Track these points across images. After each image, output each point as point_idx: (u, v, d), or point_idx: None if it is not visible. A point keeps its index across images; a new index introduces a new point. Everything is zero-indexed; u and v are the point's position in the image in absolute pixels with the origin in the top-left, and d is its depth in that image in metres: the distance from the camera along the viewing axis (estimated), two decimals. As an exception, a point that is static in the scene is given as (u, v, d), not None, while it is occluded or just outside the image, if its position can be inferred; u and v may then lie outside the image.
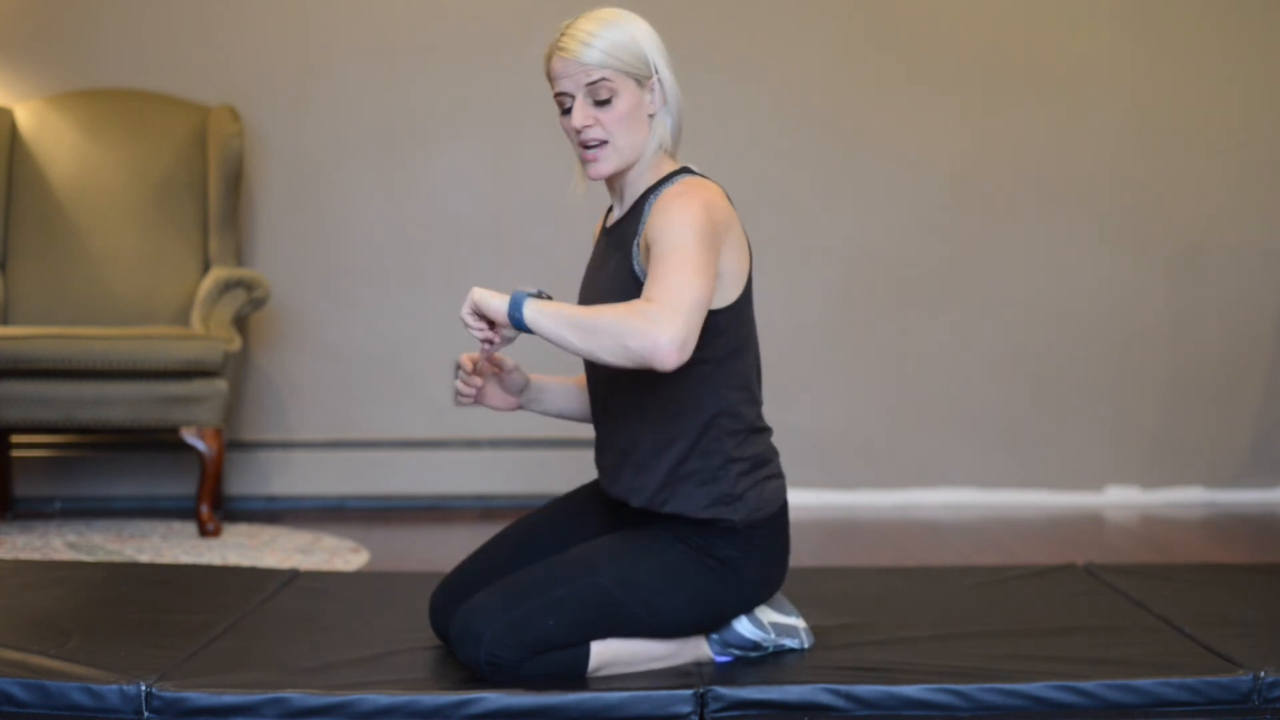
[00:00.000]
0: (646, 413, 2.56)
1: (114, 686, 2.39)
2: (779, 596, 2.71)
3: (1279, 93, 5.25)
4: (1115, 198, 5.22)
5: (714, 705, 2.43)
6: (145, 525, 4.65)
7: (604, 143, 2.53)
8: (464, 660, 2.48)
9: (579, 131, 2.53)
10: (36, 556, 4.12)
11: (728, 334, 2.55)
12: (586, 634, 2.50)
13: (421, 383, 5.11)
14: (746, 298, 2.59)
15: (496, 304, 2.43)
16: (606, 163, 2.55)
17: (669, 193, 2.49)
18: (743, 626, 2.64)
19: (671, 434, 2.54)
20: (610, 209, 2.71)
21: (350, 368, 5.11)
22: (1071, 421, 5.22)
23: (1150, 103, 5.21)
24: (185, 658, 2.55)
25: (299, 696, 2.40)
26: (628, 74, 2.51)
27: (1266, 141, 5.24)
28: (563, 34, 2.53)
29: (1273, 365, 5.25)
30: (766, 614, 2.66)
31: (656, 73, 2.53)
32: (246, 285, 4.63)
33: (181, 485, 5.02)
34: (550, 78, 2.55)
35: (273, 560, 4.13)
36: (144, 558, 4.13)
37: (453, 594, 2.66)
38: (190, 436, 4.46)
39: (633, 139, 2.53)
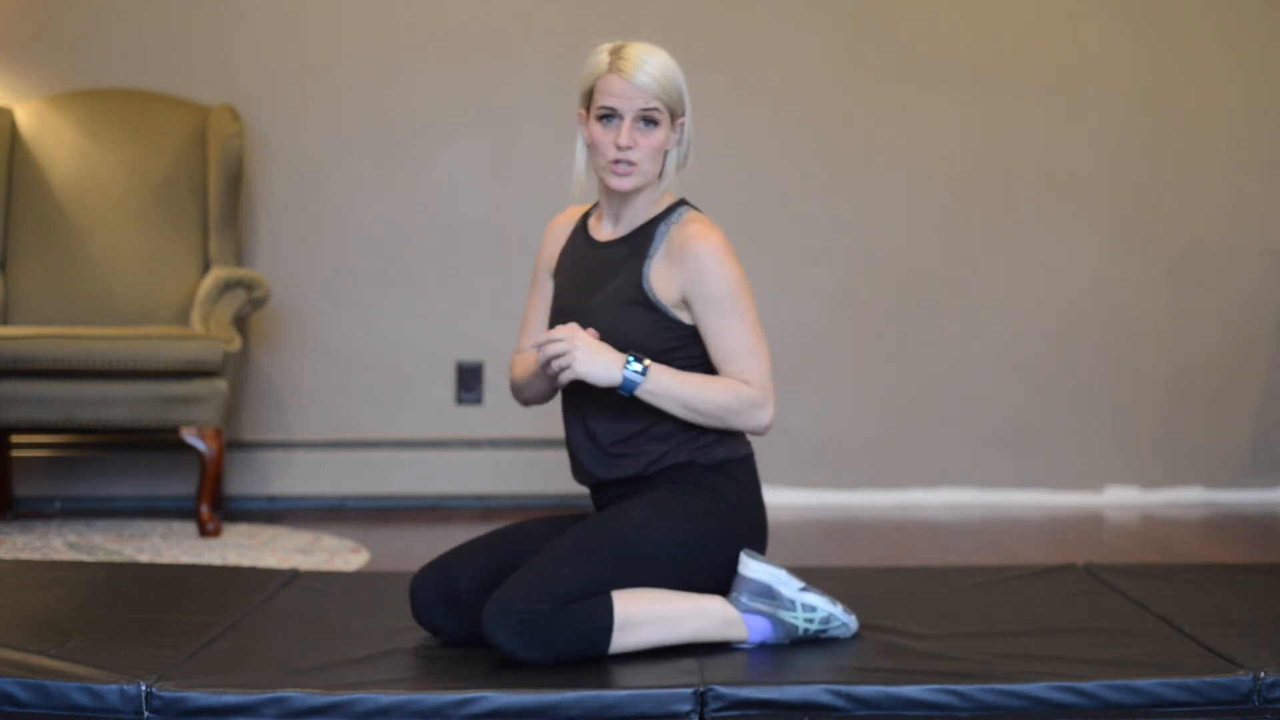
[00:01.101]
0: (637, 407, 2.71)
1: (114, 686, 2.39)
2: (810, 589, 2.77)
3: (1278, 93, 5.25)
4: (1115, 198, 5.22)
5: (714, 705, 2.43)
6: (145, 525, 4.65)
7: (635, 165, 2.74)
8: (499, 641, 2.53)
9: (620, 149, 2.73)
10: (36, 556, 4.12)
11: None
12: (602, 578, 2.61)
13: (421, 383, 5.11)
14: None
15: (603, 375, 2.63)
16: (630, 180, 2.75)
17: (692, 231, 2.75)
18: (748, 569, 2.71)
19: (665, 425, 2.72)
20: (586, 218, 2.89)
21: (350, 368, 5.11)
22: (1071, 421, 5.22)
23: (1150, 103, 5.21)
24: (185, 658, 2.55)
25: (299, 696, 2.40)
26: (670, 109, 2.77)
27: (1266, 141, 5.24)
28: (621, 55, 2.75)
29: (1273, 365, 5.25)
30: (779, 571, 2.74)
31: (686, 114, 2.80)
32: (246, 285, 4.63)
33: (181, 485, 5.02)
34: (598, 90, 2.77)
35: (273, 560, 4.13)
36: (144, 558, 4.13)
37: (440, 585, 2.71)
38: (190, 436, 4.46)
39: (654, 167, 2.77)
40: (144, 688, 2.39)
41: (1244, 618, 2.90)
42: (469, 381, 5.09)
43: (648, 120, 2.73)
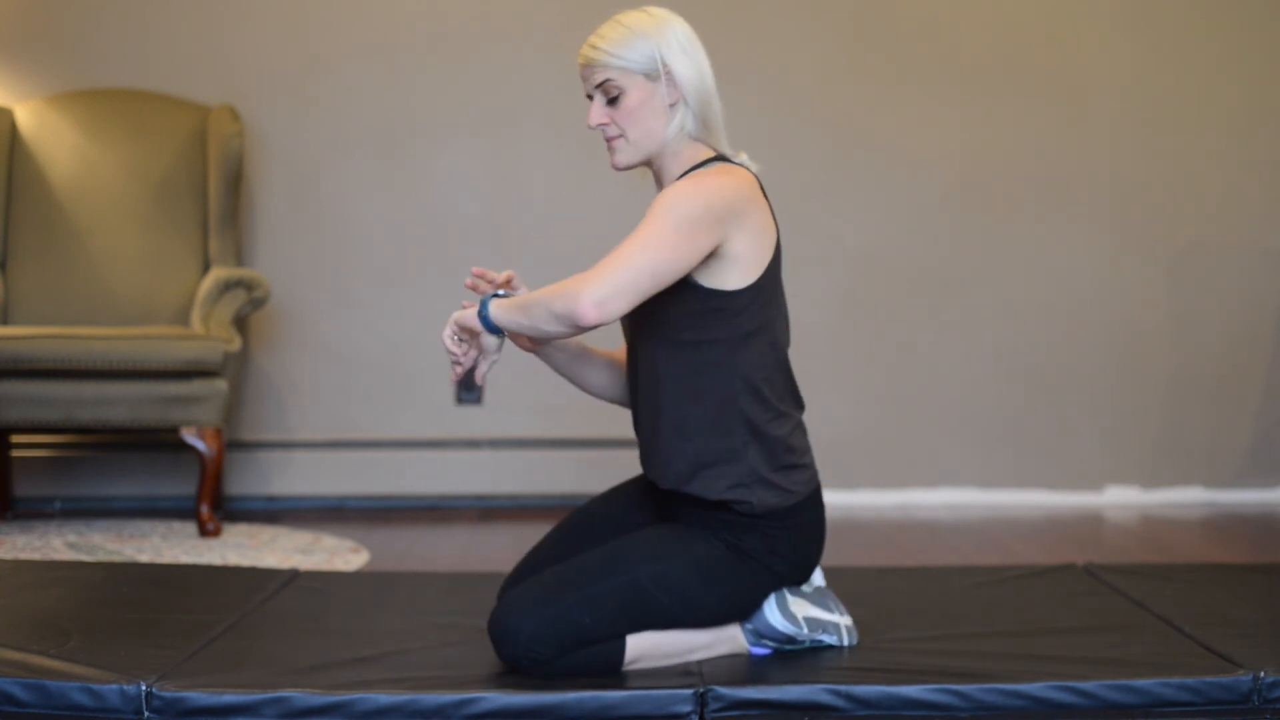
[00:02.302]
0: (664, 393, 2.59)
1: (114, 686, 2.39)
2: (825, 591, 2.73)
3: (1278, 93, 5.25)
4: (1115, 198, 5.22)
5: (714, 705, 2.43)
6: (145, 525, 4.65)
7: (619, 136, 2.64)
8: (503, 656, 2.51)
9: (594, 128, 2.66)
10: (36, 556, 4.12)
11: (746, 315, 2.57)
12: (621, 629, 2.54)
13: (421, 383, 5.11)
14: (769, 282, 2.60)
15: (469, 313, 2.57)
16: (622, 154, 2.66)
17: (682, 179, 2.57)
18: (774, 618, 2.66)
19: (690, 414, 2.58)
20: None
21: (350, 368, 5.11)
22: (1071, 421, 5.22)
23: (1150, 103, 5.22)
24: (185, 658, 2.55)
25: (299, 696, 2.40)
26: (633, 71, 2.61)
27: (1266, 141, 5.24)
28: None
29: (1273, 365, 5.25)
30: (803, 608, 2.69)
31: (665, 66, 2.61)
32: (246, 285, 4.63)
33: (181, 485, 5.02)
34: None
35: (273, 560, 4.13)
36: (144, 558, 4.13)
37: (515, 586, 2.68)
38: (190, 436, 4.46)
39: (646, 131, 2.62)
40: (144, 688, 2.39)
41: (1244, 618, 2.90)
42: (469, 381, 5.09)
43: (611, 92, 2.62)
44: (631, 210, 5.44)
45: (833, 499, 5.19)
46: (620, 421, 2.91)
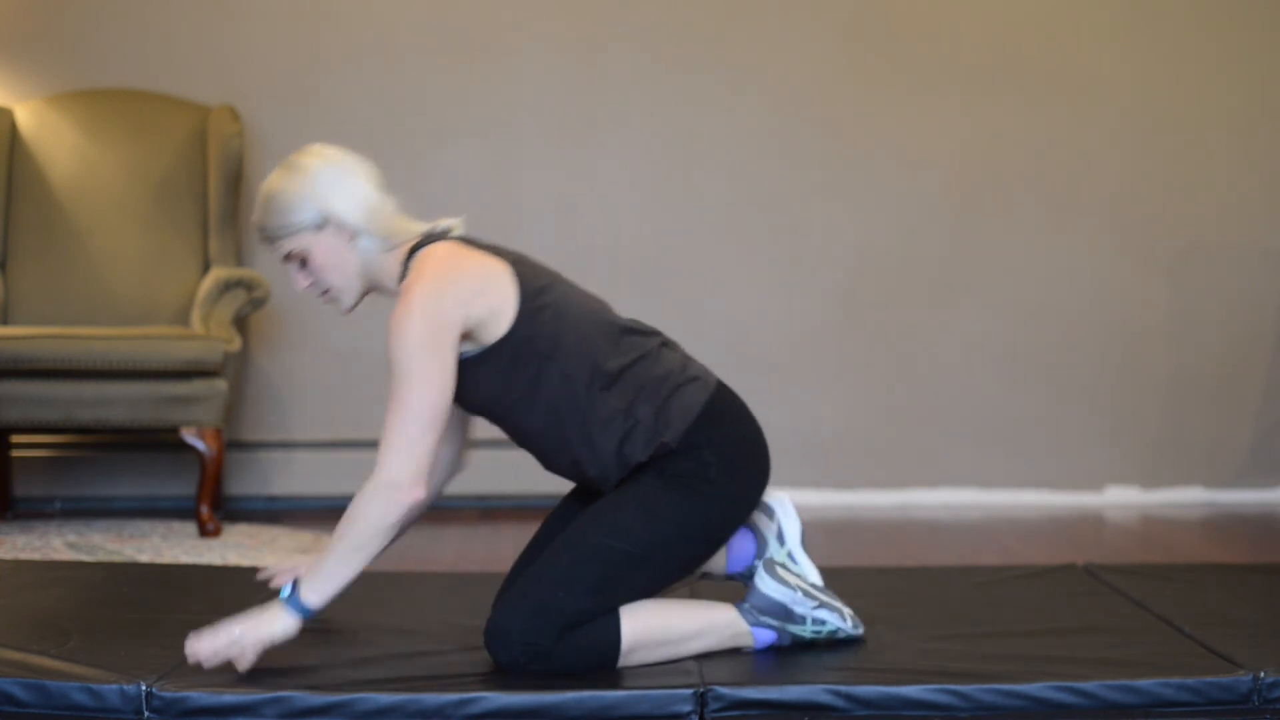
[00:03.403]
0: (549, 441, 2.67)
1: (114, 686, 2.39)
2: (823, 589, 2.74)
3: (1278, 93, 5.25)
4: (1115, 198, 5.22)
5: (714, 705, 2.43)
6: (145, 525, 4.65)
7: (327, 290, 2.65)
8: (503, 663, 2.53)
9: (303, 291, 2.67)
10: (36, 556, 4.12)
11: (539, 336, 2.61)
12: (604, 598, 2.56)
13: (421, 383, 5.11)
14: (530, 294, 2.62)
15: (271, 628, 2.48)
16: (343, 301, 2.67)
17: (397, 306, 2.55)
18: (766, 585, 2.68)
19: (572, 438, 2.63)
20: None
21: (350, 368, 5.10)
22: (1071, 421, 5.22)
23: (1150, 103, 5.21)
24: (185, 658, 2.55)
25: (299, 696, 2.40)
26: (304, 232, 2.60)
27: (1266, 141, 5.24)
28: None
29: (1273, 365, 5.25)
30: (795, 579, 2.71)
31: (326, 216, 2.60)
32: (246, 285, 4.63)
33: (181, 485, 5.02)
34: None
35: (273, 560, 4.12)
36: (144, 558, 4.13)
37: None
38: (190, 436, 4.46)
39: (344, 274, 2.63)
40: (144, 688, 2.39)
41: (1244, 618, 2.90)
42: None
43: (296, 259, 2.62)
44: (632, 210, 5.46)
45: (833, 499, 5.19)
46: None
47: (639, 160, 5.15)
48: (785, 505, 2.82)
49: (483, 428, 2.98)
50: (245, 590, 3.09)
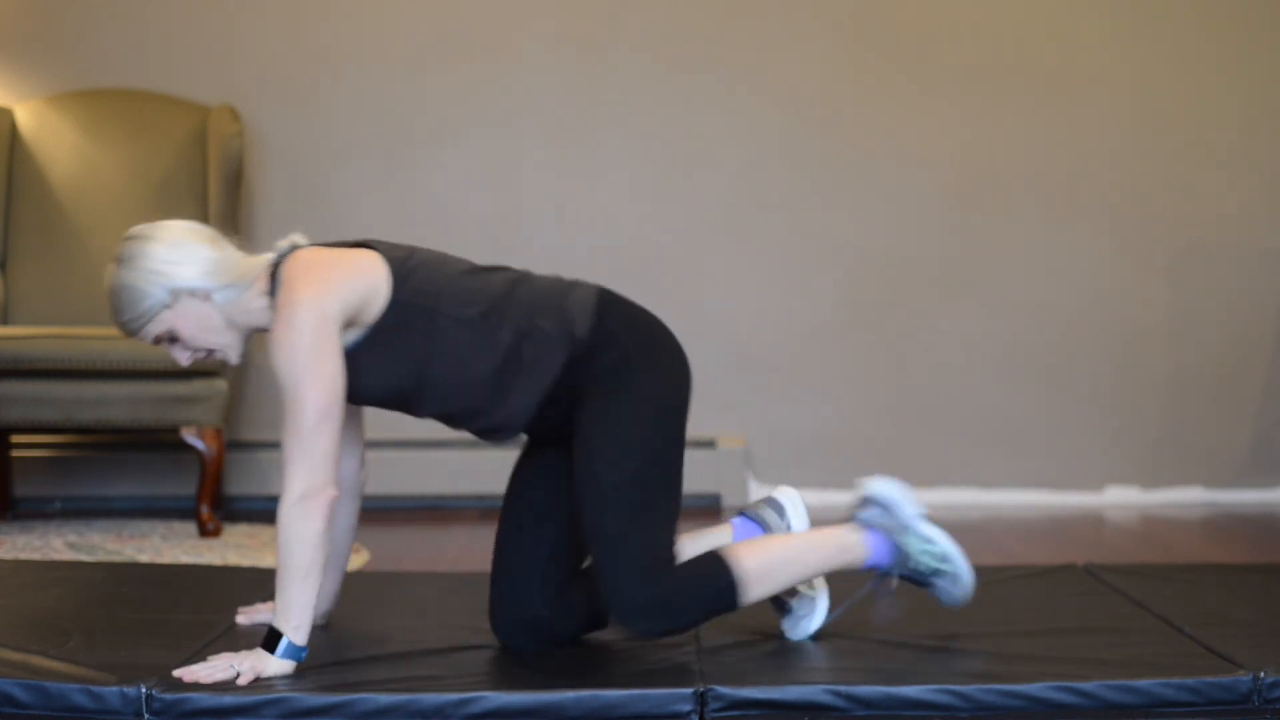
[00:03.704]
0: (462, 399, 2.66)
1: (114, 689, 2.39)
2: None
3: (1278, 93, 5.25)
4: (1115, 198, 5.22)
5: (714, 705, 2.43)
6: (145, 525, 4.65)
7: (207, 354, 2.65)
8: (641, 632, 2.61)
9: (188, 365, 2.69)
10: (36, 556, 4.12)
11: (415, 305, 2.60)
12: (659, 515, 2.60)
13: (421, 383, 5.11)
14: (403, 271, 2.62)
15: (267, 668, 2.48)
16: (229, 357, 2.66)
17: (276, 321, 2.55)
18: (874, 485, 2.80)
19: (486, 378, 2.63)
20: None
21: (350, 368, 5.10)
22: (1071, 421, 5.22)
23: (1150, 103, 5.21)
24: (185, 658, 2.55)
25: (299, 696, 2.40)
26: (160, 315, 2.58)
27: (1266, 142, 5.24)
28: None
29: (1273, 365, 5.25)
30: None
31: (174, 292, 2.58)
32: (246, 285, 4.62)
33: (181, 485, 5.01)
34: None
35: (273, 560, 4.12)
36: (144, 558, 4.13)
37: (522, 621, 2.72)
38: (190, 436, 4.46)
39: (215, 333, 2.63)
40: (144, 690, 2.39)
41: (1244, 618, 2.90)
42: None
43: (166, 340, 2.62)
44: (632, 210, 5.46)
45: (833, 499, 5.18)
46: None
47: (639, 160, 5.15)
48: (795, 502, 2.84)
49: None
50: (245, 590, 3.09)
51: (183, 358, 2.64)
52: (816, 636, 2.77)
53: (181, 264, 2.58)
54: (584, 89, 5.12)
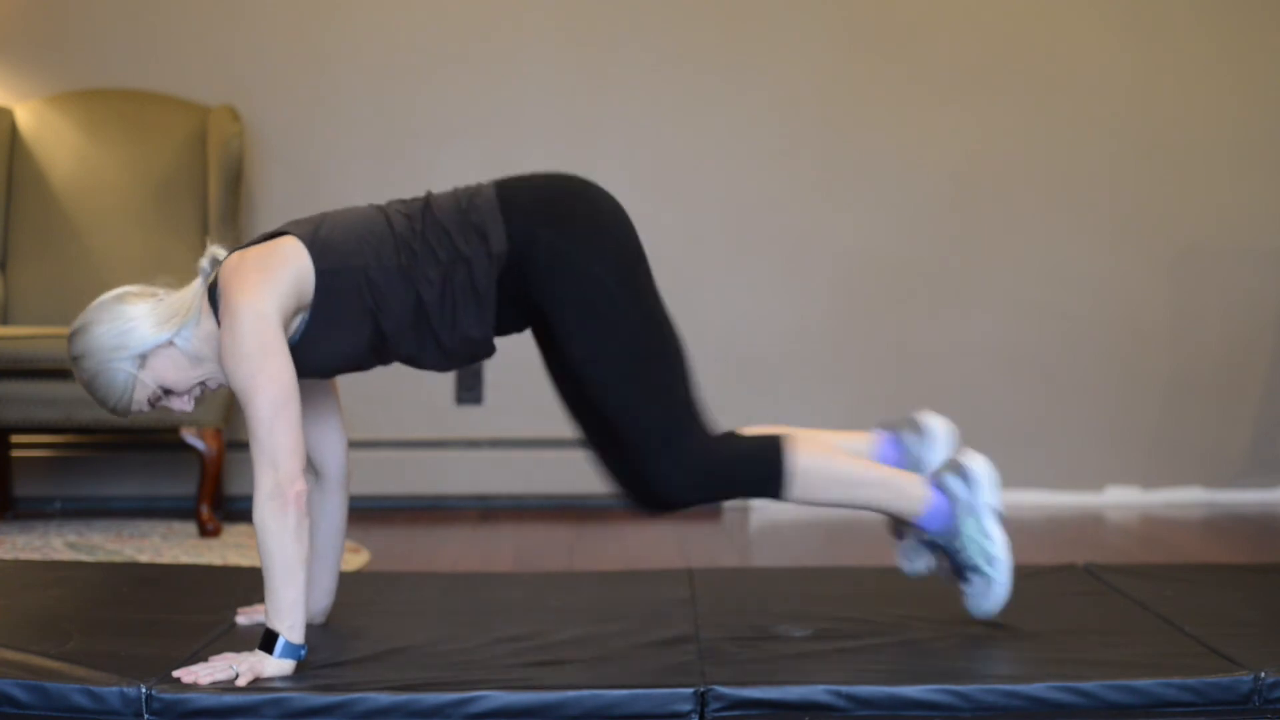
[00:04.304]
0: (422, 334, 2.64)
1: (114, 689, 2.39)
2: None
3: (1278, 93, 5.25)
4: (1115, 198, 5.22)
5: (714, 704, 2.43)
6: (145, 525, 4.65)
7: (199, 394, 2.66)
8: (678, 501, 2.69)
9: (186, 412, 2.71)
10: (36, 556, 4.12)
11: (342, 270, 2.60)
12: (667, 384, 2.66)
13: (421, 382, 5.11)
14: (317, 242, 2.61)
15: (266, 668, 2.48)
16: (213, 384, 2.64)
17: (221, 331, 2.56)
18: (971, 457, 2.81)
19: (437, 313, 2.63)
20: None
21: (350, 368, 5.10)
22: (1071, 421, 5.22)
23: (1150, 103, 5.21)
24: (185, 658, 2.55)
25: (299, 696, 2.40)
26: (138, 384, 2.60)
27: (1266, 142, 5.24)
28: None
29: (1273, 365, 5.25)
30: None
31: (139, 356, 2.59)
32: (246, 285, 4.62)
33: (181, 485, 5.02)
34: None
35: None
36: (144, 558, 4.13)
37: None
38: (190, 436, 4.46)
39: (194, 367, 2.62)
40: (144, 690, 2.39)
41: (1244, 618, 2.90)
42: (469, 381, 5.09)
43: (157, 400, 2.64)
44: (631, 210, 5.44)
45: (833, 499, 5.18)
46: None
47: (639, 160, 5.15)
48: (943, 433, 2.89)
49: (484, 427, 2.99)
50: (245, 590, 3.09)
51: (184, 403, 2.65)
52: (816, 636, 2.77)
53: (130, 331, 2.60)
54: (584, 89, 5.12)
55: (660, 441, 2.64)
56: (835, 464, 2.73)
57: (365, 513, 5.02)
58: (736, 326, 5.15)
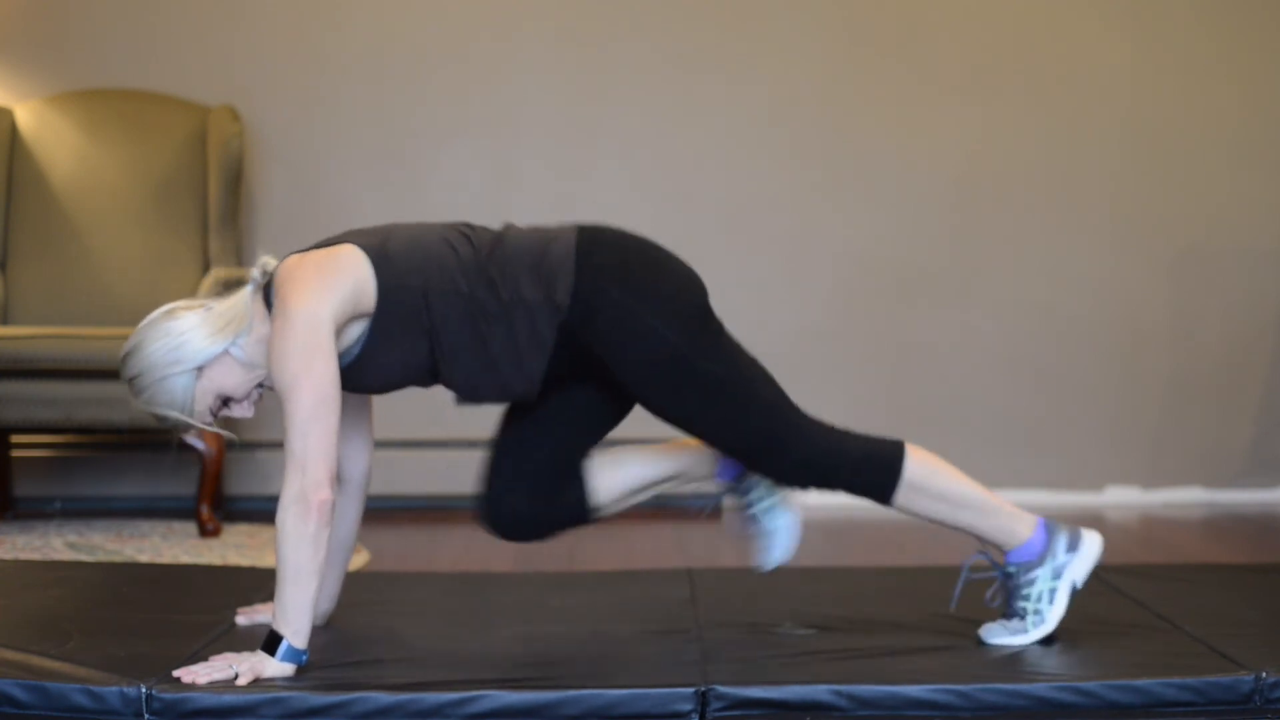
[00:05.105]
0: (474, 365, 2.63)
1: (114, 689, 2.39)
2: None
3: (1278, 94, 5.25)
4: (1116, 198, 5.22)
5: (715, 704, 2.43)
6: (145, 525, 4.65)
7: (257, 396, 2.67)
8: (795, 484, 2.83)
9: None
10: (36, 556, 4.12)
11: (403, 285, 2.58)
12: (763, 402, 2.74)
13: (421, 383, 5.11)
14: (382, 255, 2.59)
15: (266, 670, 2.47)
16: (270, 384, 2.62)
17: (273, 331, 2.56)
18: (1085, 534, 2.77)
19: (495, 347, 2.62)
20: None
21: (350, 368, 5.10)
22: (1071, 421, 5.22)
23: (1151, 103, 5.21)
24: (185, 658, 2.55)
25: (299, 696, 2.40)
26: (198, 395, 2.59)
27: (1266, 143, 5.24)
28: None
29: (1273, 365, 5.25)
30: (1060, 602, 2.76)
31: (197, 366, 2.58)
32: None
33: (181, 485, 5.01)
34: None
35: (272, 560, 4.12)
36: (144, 558, 4.13)
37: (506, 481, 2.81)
38: (190, 436, 4.46)
39: (248, 372, 2.62)
40: (144, 690, 2.39)
41: (1244, 618, 2.90)
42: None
43: (218, 410, 2.65)
44: (631, 210, 5.45)
45: (833, 499, 5.16)
46: (622, 423, 2.92)
47: (639, 160, 5.15)
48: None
49: (484, 427, 2.98)
50: (245, 590, 3.09)
51: (244, 409, 2.65)
52: (817, 636, 2.77)
53: (183, 345, 2.58)
54: (584, 88, 5.12)
55: (775, 445, 2.72)
56: (950, 481, 2.80)
57: (366, 512, 5.01)
58: (736, 326, 5.11)
